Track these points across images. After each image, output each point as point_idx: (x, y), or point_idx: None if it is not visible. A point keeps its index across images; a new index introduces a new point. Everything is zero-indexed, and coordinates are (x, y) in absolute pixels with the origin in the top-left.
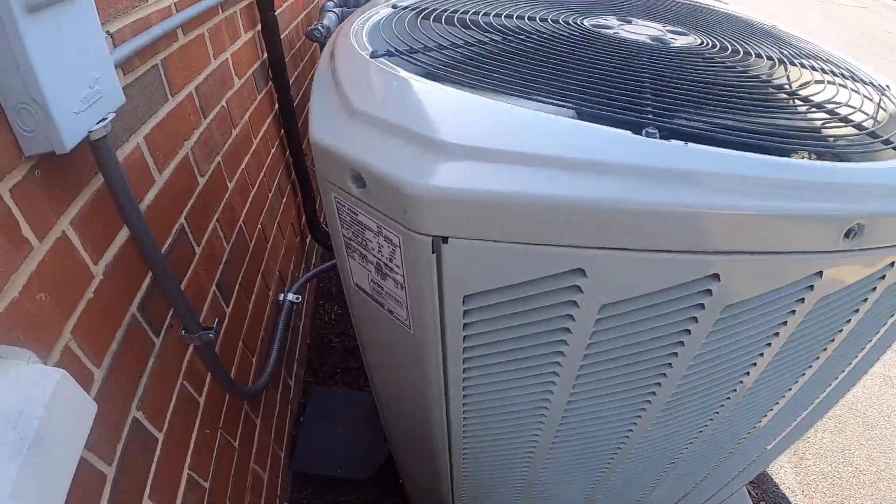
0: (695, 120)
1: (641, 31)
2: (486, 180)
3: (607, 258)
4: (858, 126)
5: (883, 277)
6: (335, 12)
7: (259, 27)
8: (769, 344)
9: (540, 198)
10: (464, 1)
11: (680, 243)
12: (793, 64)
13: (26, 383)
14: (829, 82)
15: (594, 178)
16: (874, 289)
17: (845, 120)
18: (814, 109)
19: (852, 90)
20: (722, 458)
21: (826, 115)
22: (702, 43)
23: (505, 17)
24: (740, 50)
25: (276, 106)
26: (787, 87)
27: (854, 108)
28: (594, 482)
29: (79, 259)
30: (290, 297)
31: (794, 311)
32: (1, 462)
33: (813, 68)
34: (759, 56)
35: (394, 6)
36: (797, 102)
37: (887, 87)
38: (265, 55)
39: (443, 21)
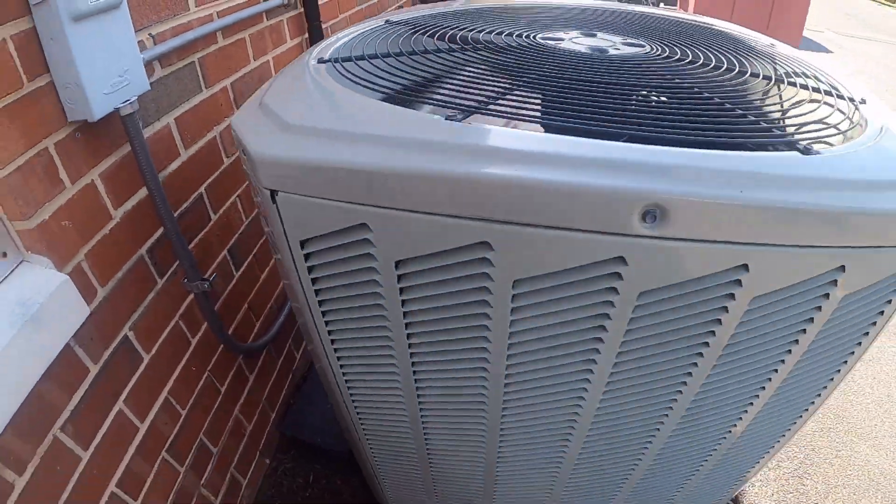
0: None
1: (591, 42)
2: (300, 149)
3: (384, 216)
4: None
5: (738, 283)
6: None
7: (307, 35)
8: (598, 339)
9: (323, 161)
10: (451, 19)
11: (449, 207)
12: (744, 73)
13: (39, 280)
14: (809, 99)
15: (371, 147)
16: (732, 296)
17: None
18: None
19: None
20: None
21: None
22: (651, 51)
23: (464, 30)
24: (689, 57)
25: None
26: (696, 87)
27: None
28: (481, 466)
29: (101, 202)
30: None
31: (611, 303)
32: (5, 325)
33: (767, 78)
34: (705, 64)
35: (387, 21)
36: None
37: (863, 100)
38: None
39: (404, 33)
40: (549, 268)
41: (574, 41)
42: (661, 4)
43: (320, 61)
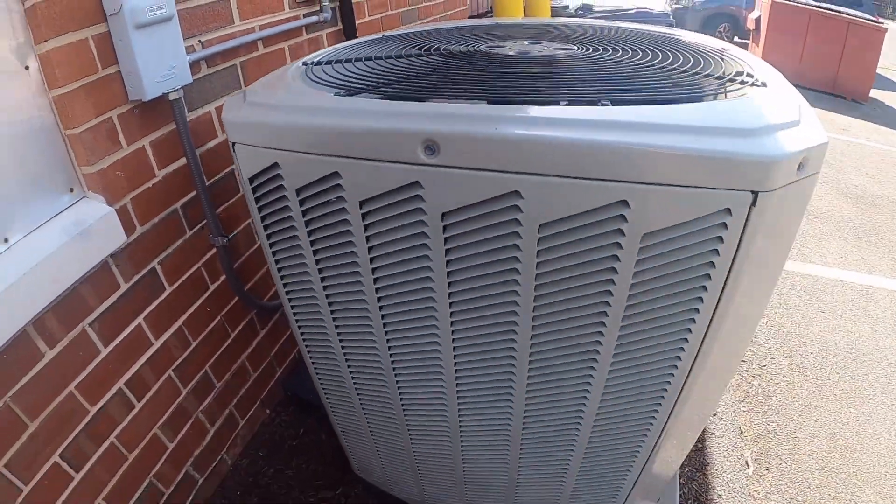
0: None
1: (524, 48)
2: (245, 114)
3: (288, 156)
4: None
5: (518, 209)
6: None
7: None
8: (426, 256)
9: (253, 120)
10: (438, 35)
11: (317, 149)
12: (638, 62)
13: (92, 210)
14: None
15: (280, 112)
16: (518, 221)
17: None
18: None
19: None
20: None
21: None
22: (574, 51)
23: (437, 42)
24: (607, 53)
25: None
26: (568, 68)
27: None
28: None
29: (148, 163)
30: None
31: (423, 222)
32: (62, 235)
33: (669, 69)
34: (609, 57)
35: (383, 35)
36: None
37: (763, 83)
38: None
39: (386, 43)
40: (379, 190)
41: (512, 48)
42: (736, 38)
43: (304, 64)
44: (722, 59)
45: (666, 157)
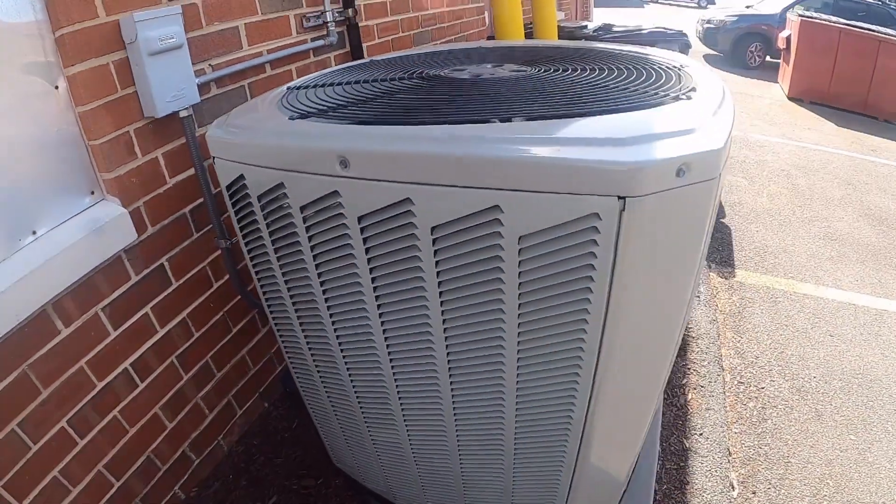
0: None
1: (481, 71)
2: (220, 133)
3: (250, 170)
4: None
5: (411, 213)
6: None
7: None
8: (351, 255)
9: (224, 139)
10: (406, 61)
11: (271, 163)
12: (578, 78)
13: (109, 210)
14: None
15: (244, 132)
16: (413, 224)
17: None
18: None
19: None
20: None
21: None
22: (527, 72)
23: (414, 66)
24: (556, 72)
25: None
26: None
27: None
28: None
29: (161, 172)
30: None
31: (345, 225)
32: (82, 230)
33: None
34: (553, 76)
35: (371, 60)
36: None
37: (689, 94)
38: None
39: (367, 68)
40: (312, 197)
41: (470, 71)
42: (767, 57)
43: (287, 88)
44: (674, 75)
45: (527, 166)
